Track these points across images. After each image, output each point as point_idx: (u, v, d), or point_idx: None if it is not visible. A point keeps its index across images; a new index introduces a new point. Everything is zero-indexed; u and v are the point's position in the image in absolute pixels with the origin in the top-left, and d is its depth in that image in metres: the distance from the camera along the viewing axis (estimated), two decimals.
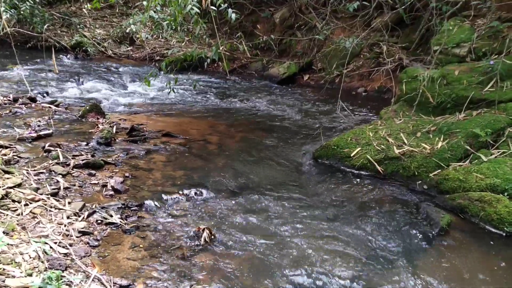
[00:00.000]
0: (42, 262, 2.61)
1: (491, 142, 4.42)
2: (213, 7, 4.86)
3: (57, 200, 3.44)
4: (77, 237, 3.01)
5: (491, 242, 3.40)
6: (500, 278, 2.97)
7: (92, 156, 4.40)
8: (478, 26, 6.25)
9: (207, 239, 3.13)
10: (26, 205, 3.25)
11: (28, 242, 2.80)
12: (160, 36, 11.24)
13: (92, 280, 2.56)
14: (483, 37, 5.97)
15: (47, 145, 4.44)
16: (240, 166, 4.62)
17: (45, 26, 9.79)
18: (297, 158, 5.02)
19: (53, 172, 3.93)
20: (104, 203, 3.53)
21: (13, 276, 2.43)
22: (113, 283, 2.58)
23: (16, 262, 2.56)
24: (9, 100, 6.11)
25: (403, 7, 7.60)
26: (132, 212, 3.48)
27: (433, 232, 3.45)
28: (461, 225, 3.63)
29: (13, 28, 8.48)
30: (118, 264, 2.80)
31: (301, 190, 4.20)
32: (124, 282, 2.61)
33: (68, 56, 10.22)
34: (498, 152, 4.25)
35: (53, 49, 7.34)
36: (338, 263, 3.01)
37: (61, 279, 2.43)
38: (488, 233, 3.52)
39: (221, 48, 5.53)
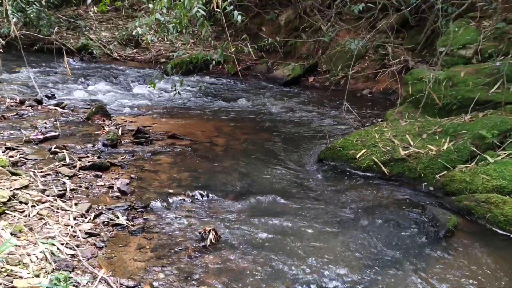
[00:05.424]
0: (49, 263, 2.62)
1: (498, 143, 4.39)
2: (219, 10, 4.87)
3: (64, 202, 3.46)
4: (83, 238, 3.02)
5: (498, 244, 3.39)
6: (508, 280, 2.95)
7: (98, 158, 4.42)
8: (484, 28, 6.24)
9: (213, 241, 3.13)
10: (33, 206, 3.27)
11: (35, 243, 2.81)
12: (166, 39, 11.28)
13: (99, 281, 2.57)
14: (489, 39, 5.97)
15: (53, 147, 4.47)
16: (245, 167, 4.63)
17: (54, 30, 9.85)
18: (302, 160, 5.03)
19: (59, 174, 3.95)
20: (111, 205, 3.54)
21: (21, 277, 2.44)
22: (120, 284, 2.59)
23: (23, 263, 2.57)
24: (15, 102, 6.16)
25: (408, 8, 7.60)
26: (138, 213, 3.49)
27: (440, 234, 3.43)
28: (467, 226, 3.62)
29: (19, 32, 8.53)
30: (124, 265, 2.80)
31: (306, 191, 4.20)
32: (131, 283, 2.62)
33: (74, 59, 10.29)
34: (505, 153, 4.23)
35: (64, 52, 7.39)
36: (343, 265, 3.00)
37: (69, 280, 2.44)
38: (495, 235, 3.50)
39: (230, 50, 5.55)
